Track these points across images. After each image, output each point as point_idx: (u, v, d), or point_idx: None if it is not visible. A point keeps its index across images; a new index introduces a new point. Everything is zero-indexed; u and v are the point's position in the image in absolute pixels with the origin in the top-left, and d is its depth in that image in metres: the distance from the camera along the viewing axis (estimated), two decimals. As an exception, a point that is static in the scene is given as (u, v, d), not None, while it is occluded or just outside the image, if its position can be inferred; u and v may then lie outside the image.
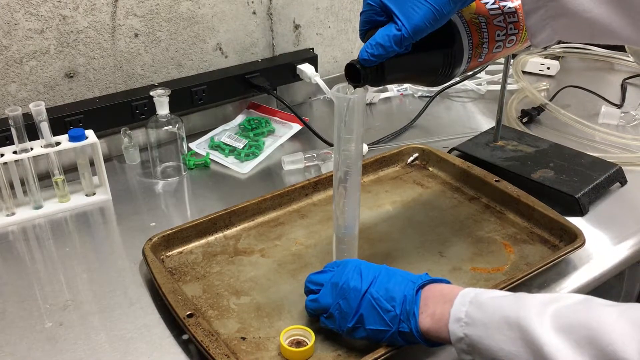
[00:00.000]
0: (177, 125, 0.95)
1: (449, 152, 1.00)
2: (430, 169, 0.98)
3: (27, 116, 0.83)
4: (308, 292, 0.66)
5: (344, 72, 0.62)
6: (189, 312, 0.65)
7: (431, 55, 0.63)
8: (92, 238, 0.85)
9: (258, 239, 0.82)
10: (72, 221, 0.88)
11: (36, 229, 0.86)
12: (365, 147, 1.03)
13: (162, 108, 0.93)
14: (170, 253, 0.79)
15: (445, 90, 1.25)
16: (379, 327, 0.60)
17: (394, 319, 0.59)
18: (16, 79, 0.91)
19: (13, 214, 0.87)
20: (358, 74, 0.60)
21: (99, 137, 0.98)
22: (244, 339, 0.66)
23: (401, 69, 0.62)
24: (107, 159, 1.02)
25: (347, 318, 0.61)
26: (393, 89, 1.27)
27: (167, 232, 0.79)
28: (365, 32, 0.63)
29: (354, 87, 0.62)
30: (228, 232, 0.83)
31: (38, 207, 0.88)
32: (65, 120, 0.92)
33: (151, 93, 0.92)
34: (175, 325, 0.67)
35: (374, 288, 0.61)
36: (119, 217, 0.89)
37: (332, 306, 0.62)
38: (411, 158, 0.99)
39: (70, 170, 0.94)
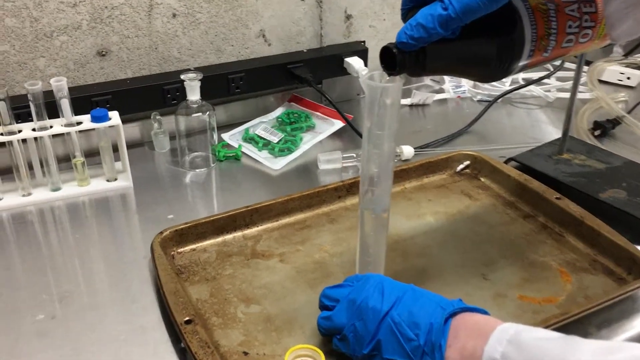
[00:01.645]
0: (207, 113, 0.89)
1: (506, 162, 0.90)
2: (482, 179, 0.88)
3: (50, 94, 0.79)
4: (322, 307, 0.58)
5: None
6: (187, 318, 0.58)
7: (484, 43, 0.54)
8: (107, 226, 0.80)
9: (279, 241, 0.75)
10: (90, 206, 0.84)
11: (52, 211, 0.82)
12: (411, 150, 0.94)
13: (193, 93, 0.87)
14: (182, 249, 0.73)
15: (508, 95, 1.15)
16: (399, 357, 0.51)
17: (416, 349, 0.50)
18: (45, 53, 0.88)
19: (29, 194, 0.83)
20: (394, 59, 0.52)
21: (130, 120, 0.94)
22: (246, 354, 0.58)
23: (446, 57, 0.54)
24: (138, 144, 0.98)
25: (362, 343, 0.53)
26: (450, 90, 1.17)
27: (181, 227, 0.73)
28: (407, 11, 0.54)
29: (389, 75, 0.53)
30: (248, 231, 0.76)
31: (56, 189, 0.84)
32: (92, 100, 0.88)
33: (182, 76, 0.86)
34: (174, 330, 0.61)
35: (396, 311, 0.52)
36: (139, 206, 0.84)
37: (347, 327, 0.54)
38: (461, 166, 0.90)
39: (94, 154, 0.90)
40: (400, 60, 0.52)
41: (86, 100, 0.87)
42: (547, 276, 0.69)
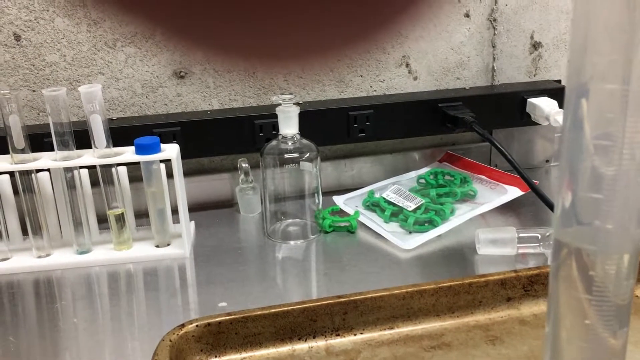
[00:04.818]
0: (307, 155, 0.62)
1: None
2: None
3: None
4: None
5: None
6: None
7: None
8: (125, 312, 0.54)
9: (388, 367, 0.42)
10: (121, 280, 0.59)
11: (67, 281, 0.59)
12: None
13: (288, 124, 0.61)
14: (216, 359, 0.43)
15: None
16: None
17: None
18: (105, 69, 0.68)
19: (47, 255, 0.61)
20: None
21: (216, 170, 0.72)
22: None
23: None
24: (227, 204, 0.74)
25: None
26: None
27: (218, 319, 0.44)
28: None
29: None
30: (335, 341, 0.45)
31: (83, 252, 0.61)
32: (153, 131, 0.66)
33: (273, 98, 0.61)
34: None
35: None
36: (192, 285, 0.58)
37: None
38: None
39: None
40: None
41: (145, 131, 0.65)
42: None
